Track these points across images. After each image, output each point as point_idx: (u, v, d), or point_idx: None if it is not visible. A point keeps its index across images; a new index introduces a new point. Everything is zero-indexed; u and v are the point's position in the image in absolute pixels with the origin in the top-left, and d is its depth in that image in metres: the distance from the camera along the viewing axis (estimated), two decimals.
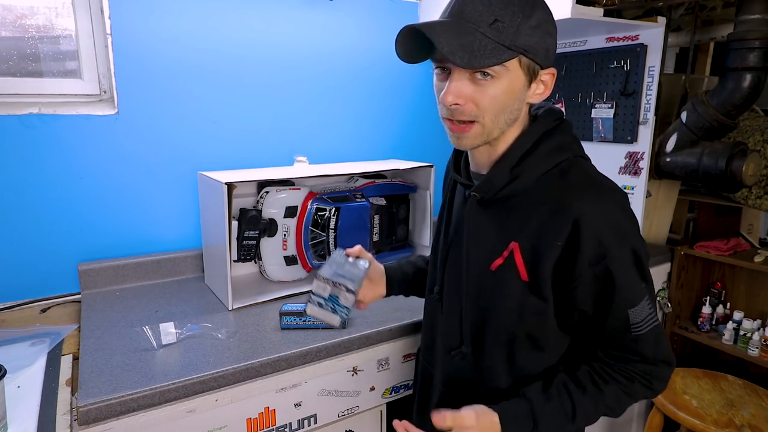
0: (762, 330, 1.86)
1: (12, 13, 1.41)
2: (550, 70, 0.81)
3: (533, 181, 0.82)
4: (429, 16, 1.92)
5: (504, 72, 0.75)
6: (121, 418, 0.96)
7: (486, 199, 0.85)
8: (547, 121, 0.85)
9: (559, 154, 0.83)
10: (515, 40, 0.73)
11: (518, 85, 0.77)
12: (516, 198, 0.83)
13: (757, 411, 1.62)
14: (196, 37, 1.56)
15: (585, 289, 0.79)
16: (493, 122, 0.79)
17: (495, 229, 0.85)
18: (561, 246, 0.78)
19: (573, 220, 0.77)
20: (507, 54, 0.73)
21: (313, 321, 1.25)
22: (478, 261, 0.87)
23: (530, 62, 0.77)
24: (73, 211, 1.48)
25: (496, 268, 0.85)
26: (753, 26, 1.61)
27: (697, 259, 2.03)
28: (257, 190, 1.59)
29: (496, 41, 0.72)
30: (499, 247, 0.84)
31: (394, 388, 1.33)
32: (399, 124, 2.03)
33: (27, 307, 1.42)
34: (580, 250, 0.77)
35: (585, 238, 0.76)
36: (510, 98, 0.78)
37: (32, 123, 1.38)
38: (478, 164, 0.89)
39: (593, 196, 0.79)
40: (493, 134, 0.81)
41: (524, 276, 0.82)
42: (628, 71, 1.76)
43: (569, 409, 0.83)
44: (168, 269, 1.61)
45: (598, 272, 0.78)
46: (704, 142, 1.80)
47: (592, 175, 0.83)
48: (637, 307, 0.80)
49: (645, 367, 0.83)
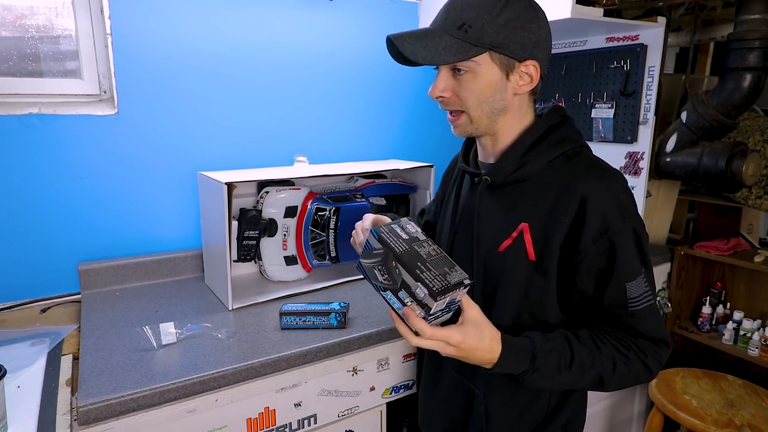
0: (762, 330, 1.86)
1: (12, 13, 1.41)
2: (532, 62, 0.86)
3: (542, 167, 0.88)
4: (429, 16, 1.92)
5: (476, 67, 0.84)
6: (121, 418, 0.96)
7: (496, 183, 0.91)
8: (553, 116, 0.92)
9: (565, 143, 0.90)
10: (481, 38, 0.82)
11: (494, 78, 0.85)
12: (525, 182, 0.89)
13: (757, 411, 1.62)
14: (196, 37, 1.56)
15: (588, 265, 0.84)
16: (476, 112, 0.87)
17: (504, 211, 0.91)
18: (568, 223, 0.84)
19: (580, 198, 0.83)
20: (473, 51, 0.82)
21: (314, 322, 1.25)
22: (487, 242, 0.92)
23: (502, 56, 0.84)
24: (73, 211, 1.48)
25: (505, 249, 0.89)
26: (753, 26, 1.61)
27: (697, 259, 2.03)
28: (257, 190, 1.59)
29: (463, 41, 0.82)
30: (508, 228, 0.89)
31: (394, 388, 1.33)
32: (399, 124, 2.03)
33: (27, 307, 1.42)
34: (585, 225, 0.82)
35: (590, 214, 0.82)
36: (488, 89, 0.86)
37: (32, 123, 1.38)
38: (486, 155, 0.96)
39: (598, 176, 0.86)
40: (481, 123, 0.89)
41: (532, 256, 0.87)
42: (628, 71, 1.76)
43: (567, 355, 0.84)
44: (168, 269, 1.61)
45: (601, 247, 0.83)
46: (704, 142, 1.80)
47: (595, 160, 0.90)
48: (634, 282, 0.84)
49: (641, 342, 0.86)
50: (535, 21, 0.84)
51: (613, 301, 0.85)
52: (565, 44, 1.95)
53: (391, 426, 1.40)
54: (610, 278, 0.84)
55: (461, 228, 0.99)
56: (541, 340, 0.85)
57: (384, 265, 0.80)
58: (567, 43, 1.95)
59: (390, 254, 0.79)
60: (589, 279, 0.85)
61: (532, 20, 0.84)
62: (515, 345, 0.84)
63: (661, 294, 2.01)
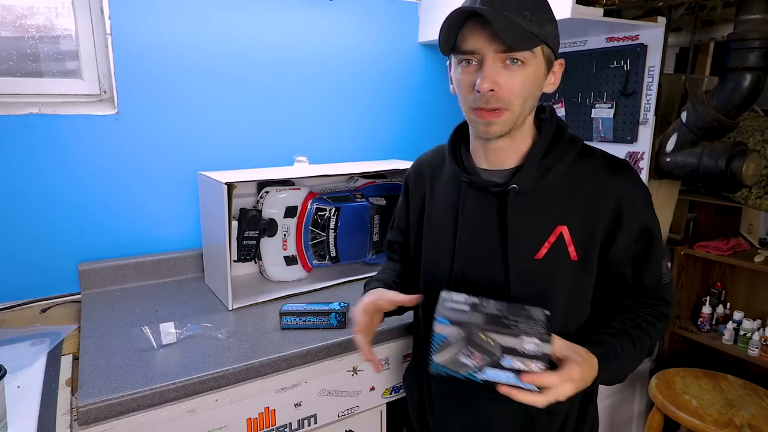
0: (762, 330, 1.86)
1: (12, 13, 1.41)
2: (560, 61, 0.88)
3: (565, 168, 0.88)
4: (429, 16, 1.92)
5: (532, 59, 0.81)
6: (121, 418, 0.96)
7: (524, 191, 0.88)
8: (555, 118, 0.93)
9: (576, 142, 0.91)
10: (541, 28, 0.80)
11: (540, 73, 0.84)
12: (553, 185, 0.88)
13: (757, 411, 1.62)
14: (196, 37, 1.56)
15: (627, 254, 0.89)
16: (521, 108, 0.84)
17: (534, 218, 0.88)
18: (608, 219, 0.86)
19: (616, 196, 0.86)
20: (535, 41, 0.79)
21: (314, 322, 1.25)
22: (521, 252, 0.89)
23: (549, 51, 0.84)
24: (73, 211, 1.48)
25: (543, 255, 0.88)
26: (753, 26, 1.60)
27: (697, 259, 2.03)
28: (257, 190, 1.59)
29: (527, 29, 0.78)
30: (542, 234, 0.88)
31: (394, 388, 1.33)
32: (399, 124, 2.02)
33: (27, 307, 1.42)
34: (624, 221, 0.86)
35: (628, 211, 0.86)
36: (535, 85, 0.84)
37: (32, 123, 1.38)
38: (500, 160, 0.91)
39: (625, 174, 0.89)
40: (518, 122, 0.86)
41: (574, 256, 0.88)
42: (628, 71, 1.76)
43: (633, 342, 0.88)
44: (168, 269, 1.61)
45: (639, 236, 0.88)
46: (704, 142, 1.80)
47: (608, 155, 0.93)
48: (665, 259, 0.93)
49: (665, 308, 0.94)
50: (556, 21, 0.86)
51: (653, 279, 0.91)
52: (565, 44, 1.95)
53: (391, 426, 1.40)
54: (649, 259, 0.89)
55: (479, 241, 0.92)
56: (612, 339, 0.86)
57: (471, 345, 0.72)
58: (567, 43, 1.95)
59: (473, 329, 0.72)
60: (628, 265, 0.90)
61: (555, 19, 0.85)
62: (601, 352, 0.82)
63: None
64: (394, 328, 1.28)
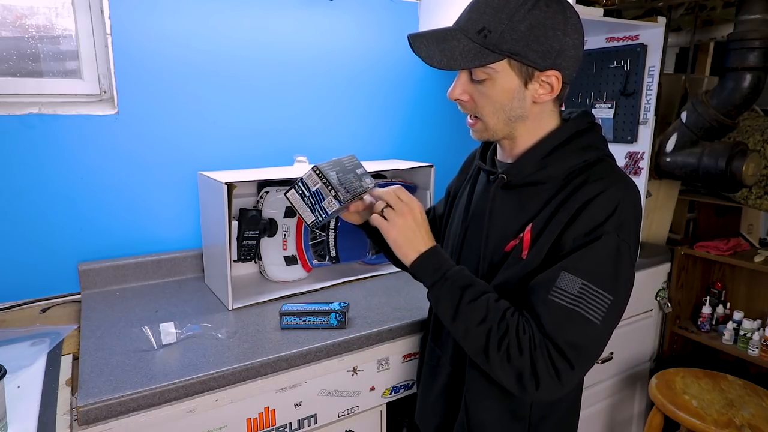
0: (762, 330, 1.86)
1: (12, 13, 1.41)
2: (554, 72, 0.82)
3: (563, 172, 0.86)
4: (428, 16, 1.92)
5: (493, 74, 0.82)
6: (121, 418, 0.96)
7: (512, 183, 0.90)
8: (580, 122, 0.90)
9: (589, 151, 0.87)
10: (500, 44, 0.79)
11: (511, 86, 0.83)
12: (542, 185, 0.88)
13: (757, 411, 1.62)
14: (196, 37, 1.56)
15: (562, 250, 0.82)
16: (492, 119, 0.86)
17: (514, 212, 0.90)
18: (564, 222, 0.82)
19: (584, 201, 0.81)
20: (491, 57, 0.80)
21: (313, 322, 1.25)
22: (495, 241, 0.92)
23: (521, 65, 0.81)
24: (73, 211, 1.48)
25: (510, 248, 0.89)
26: (753, 26, 1.61)
27: (697, 259, 2.03)
28: (257, 190, 1.59)
29: (481, 46, 0.80)
30: (516, 229, 0.89)
31: (394, 388, 1.33)
32: (399, 124, 2.02)
33: (27, 307, 1.42)
34: (575, 223, 0.81)
35: (585, 215, 0.80)
36: (505, 97, 0.84)
37: (32, 123, 1.38)
38: (505, 155, 0.95)
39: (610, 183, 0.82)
40: (497, 130, 0.88)
41: (524, 255, 0.86)
42: (628, 71, 1.76)
43: (473, 294, 0.84)
44: (168, 269, 1.61)
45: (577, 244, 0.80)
46: (704, 142, 1.80)
47: (615, 171, 0.87)
48: (571, 278, 0.78)
49: (538, 335, 0.78)
50: (561, 27, 0.80)
51: (541, 280, 0.80)
52: None
53: (391, 426, 1.40)
54: (555, 262, 0.80)
55: (473, 225, 0.99)
56: (464, 271, 0.87)
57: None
58: None
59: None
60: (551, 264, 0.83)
61: (558, 27, 0.79)
62: (443, 254, 0.89)
63: (661, 294, 2.01)
64: (394, 328, 1.28)
